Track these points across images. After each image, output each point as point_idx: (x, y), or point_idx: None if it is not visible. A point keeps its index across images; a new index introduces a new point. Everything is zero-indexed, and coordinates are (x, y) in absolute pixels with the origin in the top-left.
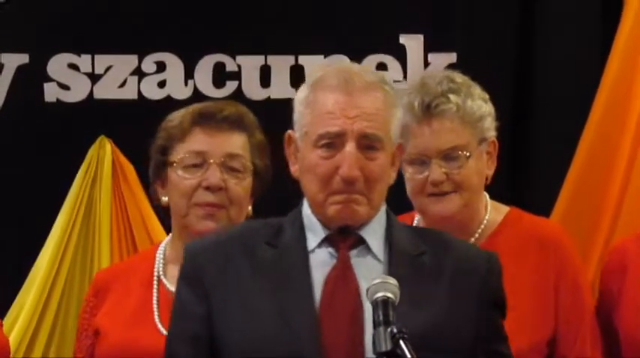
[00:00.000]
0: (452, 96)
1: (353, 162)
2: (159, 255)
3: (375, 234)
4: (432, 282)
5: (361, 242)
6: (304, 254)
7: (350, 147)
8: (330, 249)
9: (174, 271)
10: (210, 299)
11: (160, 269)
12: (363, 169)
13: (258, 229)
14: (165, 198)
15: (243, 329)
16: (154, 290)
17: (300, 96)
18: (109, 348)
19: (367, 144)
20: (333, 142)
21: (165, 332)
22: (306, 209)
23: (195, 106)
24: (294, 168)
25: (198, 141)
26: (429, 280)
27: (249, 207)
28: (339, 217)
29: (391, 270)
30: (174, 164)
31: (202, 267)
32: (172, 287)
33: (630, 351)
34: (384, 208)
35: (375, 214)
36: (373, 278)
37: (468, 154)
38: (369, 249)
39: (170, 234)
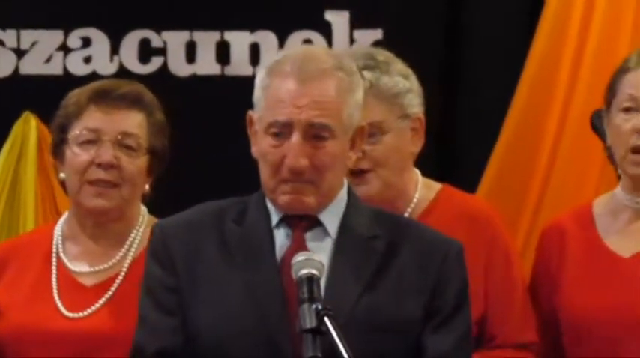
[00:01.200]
0: (365, 73)
1: (298, 153)
2: (57, 231)
3: (331, 216)
4: (381, 265)
5: (318, 223)
6: (268, 231)
7: (295, 137)
8: (288, 230)
9: (72, 248)
10: (179, 275)
11: (59, 245)
12: (312, 158)
13: (225, 208)
14: (62, 175)
15: (212, 303)
16: (53, 268)
17: (258, 78)
18: (8, 325)
19: (315, 133)
20: (281, 131)
21: (64, 310)
22: None
23: (93, 84)
24: (254, 149)
25: (93, 118)
26: (377, 263)
27: (147, 186)
28: (287, 207)
29: (340, 251)
30: (70, 141)
31: (171, 244)
32: (71, 265)
33: (569, 324)
34: (344, 189)
35: (328, 200)
36: (297, 255)
37: (384, 130)
38: (325, 231)
39: (67, 211)
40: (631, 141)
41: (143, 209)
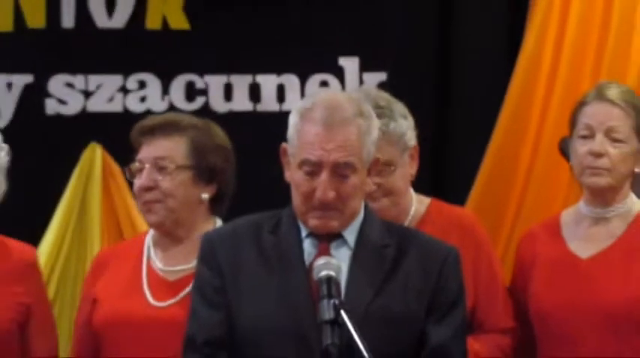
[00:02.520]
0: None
1: (326, 188)
2: (147, 239)
3: (351, 230)
4: (391, 270)
5: (340, 236)
6: (298, 241)
7: (324, 175)
8: (315, 241)
9: (158, 252)
10: (224, 277)
11: (150, 249)
12: (338, 190)
13: (261, 221)
14: None
15: (251, 302)
16: (144, 266)
17: (291, 119)
18: (104, 315)
19: (340, 171)
20: (312, 169)
21: (152, 301)
22: None
23: (140, 123)
24: (287, 174)
25: (141, 151)
26: (388, 267)
27: (204, 196)
28: (316, 229)
29: (357, 259)
30: (132, 171)
31: (217, 251)
32: (158, 265)
33: (538, 319)
34: (362, 208)
35: (350, 221)
36: (318, 259)
37: (393, 168)
38: (345, 242)
39: (149, 236)
40: (585, 162)
41: (214, 218)
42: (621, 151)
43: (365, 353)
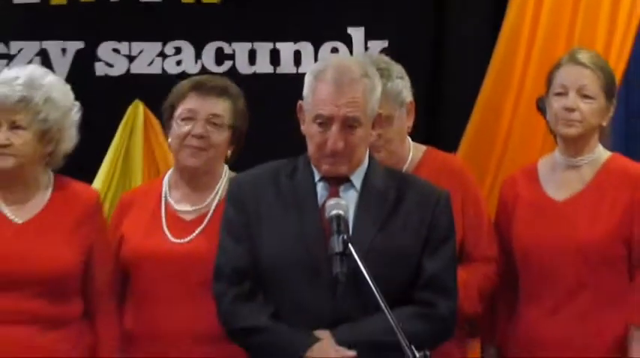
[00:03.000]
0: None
1: (337, 139)
2: (165, 182)
3: (357, 175)
4: (392, 210)
5: (348, 180)
6: (312, 185)
7: (335, 127)
8: (326, 184)
9: (175, 194)
10: (248, 214)
11: (167, 192)
12: (346, 140)
13: (280, 167)
14: (169, 140)
15: (271, 237)
16: (162, 207)
17: (307, 79)
18: (130, 251)
19: (348, 124)
20: (324, 122)
21: (172, 238)
22: None
23: (194, 77)
24: (303, 127)
25: (192, 102)
26: (389, 208)
27: (229, 152)
28: (328, 174)
29: (362, 200)
30: (175, 117)
31: (242, 192)
32: (175, 205)
33: (520, 254)
34: (366, 156)
35: (356, 167)
36: (329, 200)
37: (392, 120)
38: (353, 185)
39: (172, 168)
40: (560, 115)
41: (226, 167)
42: (591, 106)
43: (370, 281)
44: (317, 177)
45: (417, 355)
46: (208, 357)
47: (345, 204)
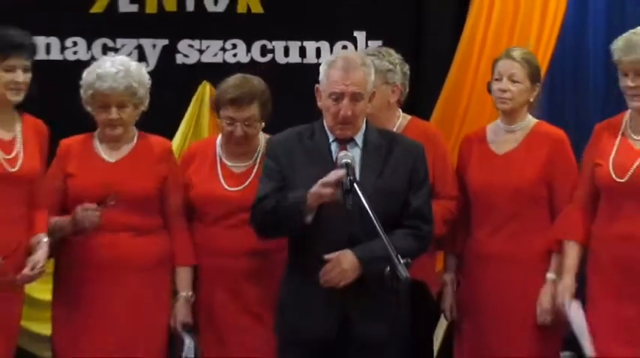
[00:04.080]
0: (373, 58)
1: (347, 109)
2: (217, 143)
3: (359, 136)
4: (386, 160)
5: (353, 140)
6: (328, 144)
7: (345, 101)
8: (337, 144)
9: (226, 153)
10: (282, 165)
11: (219, 151)
12: (353, 110)
13: (302, 130)
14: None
15: (298, 182)
16: (218, 162)
17: (322, 68)
18: (195, 195)
19: (354, 98)
20: (337, 97)
21: (225, 186)
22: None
23: (228, 90)
24: (319, 103)
25: (230, 112)
26: (384, 159)
27: (262, 124)
28: (340, 136)
29: (365, 154)
30: (221, 117)
31: (277, 148)
32: (227, 161)
33: (472, 194)
34: (364, 122)
35: (359, 130)
36: (341, 153)
37: (376, 93)
38: (357, 143)
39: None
40: (497, 95)
41: (261, 133)
42: (518, 88)
43: (371, 213)
44: (331, 139)
45: (402, 261)
46: (251, 267)
47: (352, 156)
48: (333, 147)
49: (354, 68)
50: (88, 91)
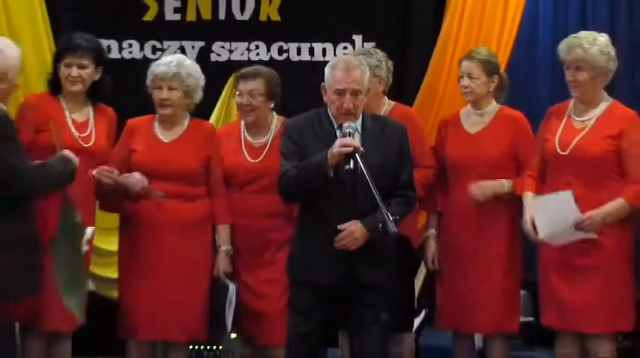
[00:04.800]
0: (364, 57)
1: (349, 102)
2: (242, 124)
3: (358, 122)
4: (379, 141)
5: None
6: (334, 130)
7: (347, 95)
8: (340, 129)
9: (248, 131)
10: (296, 143)
11: (244, 130)
12: (354, 103)
13: (311, 115)
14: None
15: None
16: (242, 139)
17: (327, 70)
18: (227, 164)
19: (354, 93)
20: (340, 92)
21: (248, 158)
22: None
23: (240, 71)
24: (325, 98)
25: (239, 86)
26: (378, 139)
27: (272, 104)
28: (344, 121)
29: (364, 135)
30: (236, 93)
31: (292, 129)
32: (249, 138)
33: (449, 166)
34: (362, 111)
35: (358, 117)
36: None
37: (367, 86)
38: (357, 128)
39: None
40: (461, 89)
41: (274, 113)
42: (475, 83)
43: (370, 182)
44: (335, 125)
45: (392, 218)
46: (270, 224)
47: (355, 126)
48: (338, 133)
49: (353, 69)
50: (150, 76)
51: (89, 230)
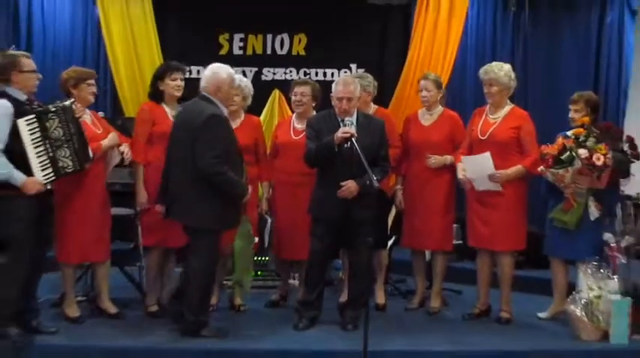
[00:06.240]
0: (359, 79)
1: (345, 106)
2: (293, 117)
3: (353, 118)
4: (367, 130)
5: (350, 121)
6: (338, 122)
7: (344, 101)
8: (342, 123)
9: (296, 120)
10: (316, 131)
11: (294, 120)
12: (348, 105)
13: (325, 113)
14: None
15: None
16: (291, 127)
17: (333, 86)
18: (279, 143)
19: (349, 100)
20: (340, 99)
21: (294, 137)
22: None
23: (295, 81)
24: (333, 103)
25: (295, 88)
26: (366, 129)
27: (313, 104)
28: (344, 117)
29: (359, 128)
30: (292, 94)
31: (313, 122)
32: (297, 125)
33: (410, 145)
34: (355, 111)
35: (353, 115)
36: (347, 119)
37: (358, 96)
38: (353, 122)
39: (294, 114)
40: (420, 98)
41: (314, 111)
42: (430, 94)
43: (361, 155)
44: (339, 119)
45: (374, 178)
46: (301, 180)
47: (352, 120)
48: (341, 124)
49: (348, 84)
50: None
51: None
